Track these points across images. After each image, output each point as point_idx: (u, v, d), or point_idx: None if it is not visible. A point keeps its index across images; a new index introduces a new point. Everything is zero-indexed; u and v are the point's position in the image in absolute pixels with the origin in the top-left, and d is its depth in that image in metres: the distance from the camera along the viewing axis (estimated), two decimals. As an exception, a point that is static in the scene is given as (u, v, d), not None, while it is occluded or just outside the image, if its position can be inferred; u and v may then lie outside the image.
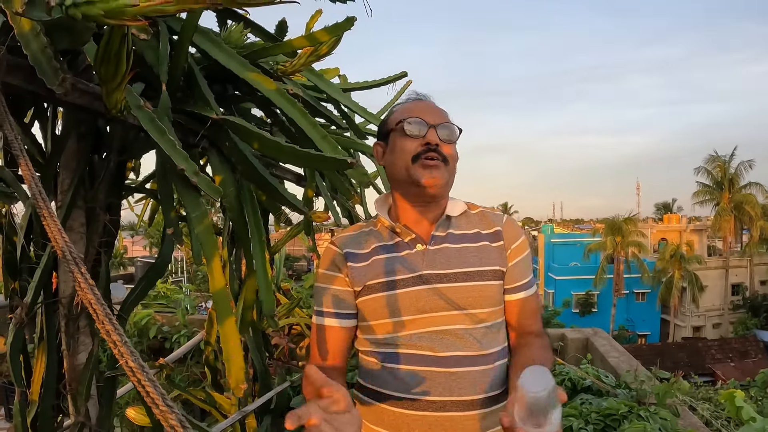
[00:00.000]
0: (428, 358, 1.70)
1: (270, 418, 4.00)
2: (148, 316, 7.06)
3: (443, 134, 1.73)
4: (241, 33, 2.11)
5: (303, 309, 5.40)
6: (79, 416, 2.29)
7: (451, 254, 1.76)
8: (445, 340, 1.70)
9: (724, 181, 44.72)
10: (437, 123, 1.73)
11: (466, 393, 1.68)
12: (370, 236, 1.83)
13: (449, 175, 1.75)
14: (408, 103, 1.84)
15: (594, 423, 3.75)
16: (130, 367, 0.80)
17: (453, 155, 1.76)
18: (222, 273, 1.76)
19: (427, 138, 1.71)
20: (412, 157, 1.71)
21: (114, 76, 1.39)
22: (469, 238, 1.80)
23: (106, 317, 0.84)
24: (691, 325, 43.18)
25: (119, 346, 0.81)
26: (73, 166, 2.19)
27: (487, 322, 1.75)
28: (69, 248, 0.94)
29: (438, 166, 1.71)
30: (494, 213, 1.89)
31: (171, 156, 1.54)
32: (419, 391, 1.69)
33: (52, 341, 2.29)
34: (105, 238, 2.29)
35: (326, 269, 1.83)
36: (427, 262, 1.74)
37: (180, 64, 1.80)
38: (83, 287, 0.89)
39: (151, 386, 0.76)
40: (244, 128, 1.74)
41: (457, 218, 1.82)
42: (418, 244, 1.76)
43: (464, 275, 1.73)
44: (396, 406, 1.71)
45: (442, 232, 1.79)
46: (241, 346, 1.82)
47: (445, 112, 1.81)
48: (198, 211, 1.76)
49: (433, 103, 1.86)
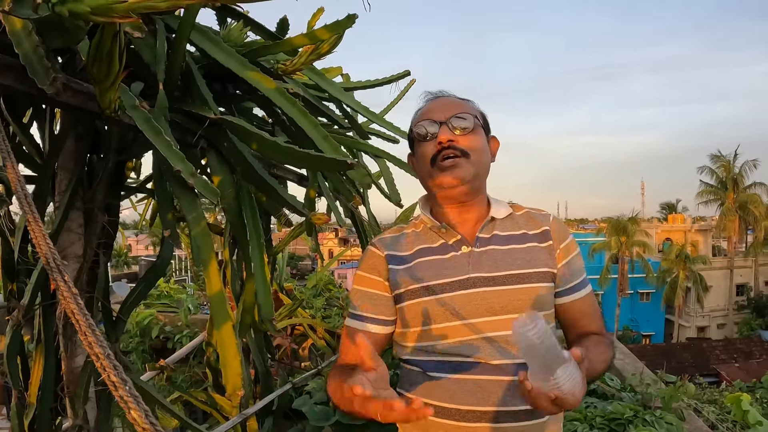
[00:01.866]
0: (478, 365, 1.60)
1: (272, 419, 3.97)
2: (151, 316, 7.04)
3: (456, 126, 1.66)
4: (241, 31, 2.08)
5: (306, 310, 5.37)
6: (77, 419, 2.27)
7: (498, 256, 1.67)
8: (495, 346, 1.60)
9: (728, 180, 44.60)
10: (448, 117, 1.66)
11: (521, 402, 1.55)
12: (413, 237, 1.76)
13: (475, 168, 1.66)
14: (423, 106, 1.78)
15: (599, 427, 3.71)
16: (112, 381, 0.76)
17: (473, 146, 1.67)
18: (219, 277, 1.73)
19: (439, 137, 1.64)
20: (430, 161, 1.66)
21: (107, 75, 1.35)
22: (516, 239, 1.71)
23: (88, 328, 0.80)
24: (696, 325, 43.11)
25: (101, 360, 0.78)
26: (71, 167, 2.16)
27: None
28: (53, 255, 0.91)
29: (457, 164, 1.63)
30: (540, 213, 1.81)
31: (167, 157, 1.51)
32: (470, 401, 1.59)
33: (50, 343, 2.26)
34: (103, 239, 2.27)
35: (366, 272, 1.75)
36: (473, 264, 1.65)
37: (177, 63, 1.77)
38: (66, 296, 0.85)
39: (133, 402, 0.72)
40: (242, 128, 1.70)
41: (502, 220, 1.74)
42: (464, 246, 1.68)
43: (512, 278, 1.64)
44: (445, 418, 1.61)
45: (487, 233, 1.71)
46: (238, 352, 1.79)
47: (461, 103, 1.73)
48: (195, 212, 1.73)
49: (448, 97, 1.78)
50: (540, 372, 1.27)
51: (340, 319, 5.97)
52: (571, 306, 1.75)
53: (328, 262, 9.90)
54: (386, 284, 1.71)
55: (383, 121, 2.83)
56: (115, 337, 2.35)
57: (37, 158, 2.27)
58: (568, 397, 1.28)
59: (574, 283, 1.74)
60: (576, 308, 1.76)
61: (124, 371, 2.22)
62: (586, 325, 1.78)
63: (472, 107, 1.75)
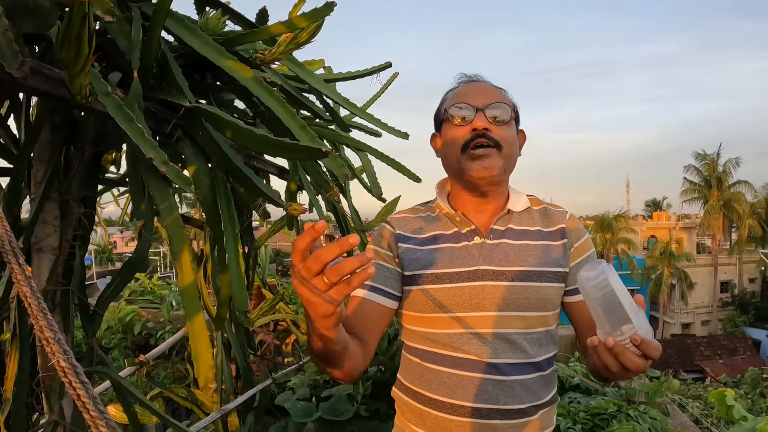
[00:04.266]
0: (475, 363, 1.59)
1: (253, 415, 3.94)
2: (133, 312, 7.00)
3: (493, 116, 1.63)
4: (219, 20, 2.04)
5: (289, 305, 5.34)
6: (53, 414, 2.23)
7: (510, 250, 1.65)
8: (495, 344, 1.59)
9: (712, 179, 45.00)
10: (486, 105, 1.63)
11: (512, 402, 1.59)
12: (428, 221, 1.73)
13: (505, 161, 1.65)
14: (458, 87, 1.74)
15: (582, 422, 3.72)
16: (61, 367, 0.73)
17: (507, 137, 1.65)
18: (191, 268, 1.70)
19: (474, 123, 1.61)
20: (461, 147, 1.63)
21: (76, 58, 1.32)
22: (530, 235, 1.69)
23: (40, 312, 0.78)
24: (680, 321, 43.48)
25: (51, 344, 0.75)
26: (47, 157, 2.12)
27: (542, 327, 1.65)
28: (8, 236, 0.88)
29: (489, 154, 1.61)
30: (557, 210, 1.78)
31: (138, 144, 1.47)
32: (464, 397, 1.59)
33: (26, 338, 2.22)
34: (80, 232, 2.23)
35: (378, 245, 1.73)
36: (484, 256, 1.63)
37: (152, 51, 1.73)
38: (19, 279, 0.83)
39: (82, 389, 0.70)
40: (216, 116, 1.67)
41: (519, 213, 1.72)
42: (476, 237, 1.66)
43: (522, 274, 1.62)
44: (439, 410, 1.62)
45: (502, 225, 1.69)
46: (209, 345, 1.76)
47: (498, 91, 1.71)
48: (167, 202, 1.69)
49: (484, 82, 1.75)
50: (612, 315, 1.20)
51: (323, 314, 5.91)
52: (583, 305, 1.70)
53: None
54: (397, 260, 1.69)
55: (366, 114, 2.80)
56: (92, 331, 2.32)
57: (13, 149, 2.23)
58: (652, 341, 1.23)
59: None
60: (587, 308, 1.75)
61: (103, 365, 2.19)
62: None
63: (508, 98, 1.72)
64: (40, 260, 2.06)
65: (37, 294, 0.82)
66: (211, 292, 3.12)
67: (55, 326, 0.79)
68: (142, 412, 2.67)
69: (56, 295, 2.09)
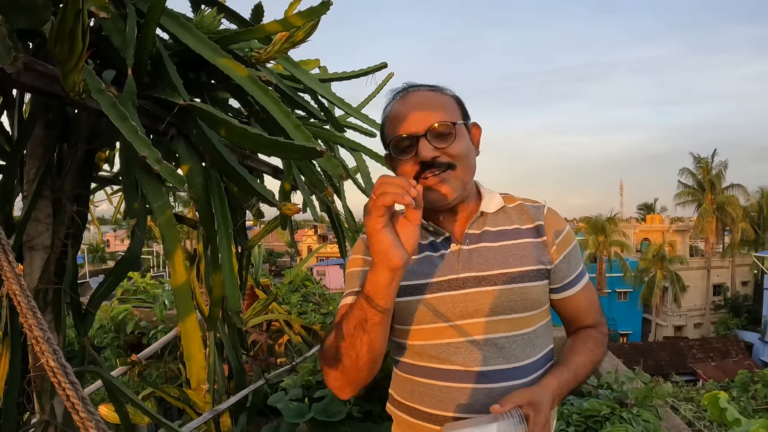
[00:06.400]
0: (464, 374, 1.57)
1: (246, 416, 3.93)
2: (126, 311, 6.97)
3: (437, 139, 1.53)
4: (214, 18, 2.03)
5: (282, 305, 5.33)
6: (44, 414, 2.21)
7: (489, 254, 1.60)
8: (483, 351, 1.56)
9: (705, 182, 45.17)
10: (427, 128, 1.52)
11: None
12: None
13: (463, 176, 1.58)
14: (393, 106, 1.65)
15: (575, 424, 3.71)
16: (50, 366, 0.72)
17: (458, 153, 1.55)
18: (183, 267, 1.69)
19: (420, 155, 1.52)
20: (414, 179, 1.51)
21: (69, 55, 1.31)
22: (509, 234, 1.64)
23: (29, 311, 0.76)
24: (673, 324, 43.59)
25: (40, 343, 0.74)
26: (40, 155, 2.11)
27: (531, 327, 1.62)
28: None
29: (443, 179, 1.54)
30: (534, 205, 1.72)
31: (132, 142, 1.46)
32: (456, 409, 1.56)
33: (17, 337, 2.21)
34: (72, 230, 2.22)
35: (360, 254, 1.68)
36: (462, 263, 1.60)
37: (147, 48, 1.72)
38: (9, 276, 0.81)
39: (71, 389, 0.69)
40: (210, 114, 1.66)
41: (494, 214, 1.67)
42: (452, 244, 1.62)
43: (505, 277, 1.57)
44: (434, 423, 1.59)
45: (477, 229, 1.64)
46: (202, 344, 1.75)
47: (435, 104, 1.59)
48: (160, 201, 1.68)
49: (418, 92, 1.64)
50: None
51: (316, 315, 5.95)
52: (569, 301, 1.71)
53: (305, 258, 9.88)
54: None
55: (360, 115, 2.79)
56: (84, 330, 2.30)
57: (6, 146, 2.21)
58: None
59: (570, 278, 1.70)
60: (573, 303, 1.73)
61: (95, 365, 2.17)
62: (584, 319, 1.76)
63: (447, 104, 1.63)
64: (32, 258, 2.04)
65: (26, 292, 0.81)
66: (204, 291, 3.10)
67: (44, 325, 0.77)
68: (133, 411, 2.65)
69: (48, 294, 2.07)
